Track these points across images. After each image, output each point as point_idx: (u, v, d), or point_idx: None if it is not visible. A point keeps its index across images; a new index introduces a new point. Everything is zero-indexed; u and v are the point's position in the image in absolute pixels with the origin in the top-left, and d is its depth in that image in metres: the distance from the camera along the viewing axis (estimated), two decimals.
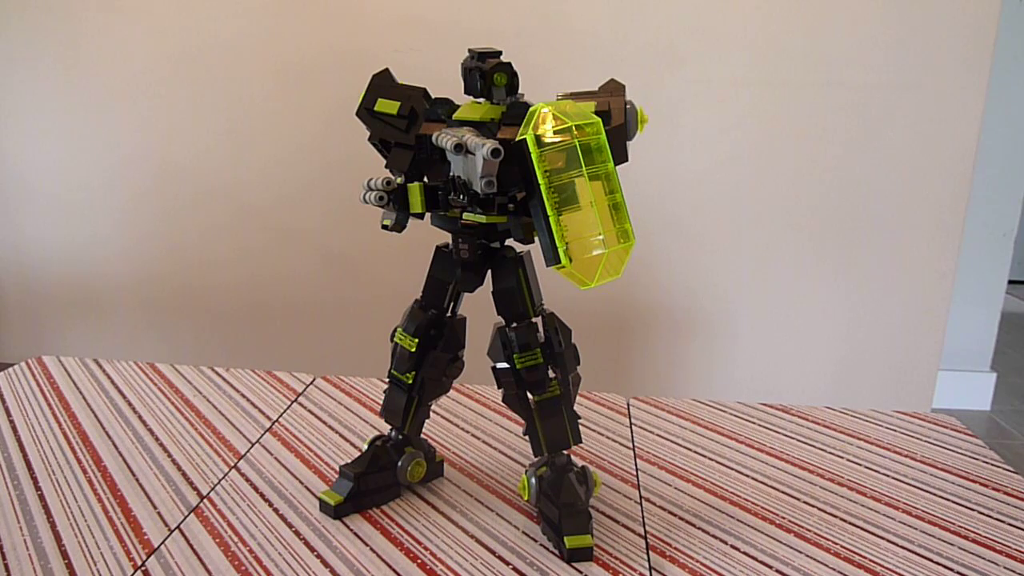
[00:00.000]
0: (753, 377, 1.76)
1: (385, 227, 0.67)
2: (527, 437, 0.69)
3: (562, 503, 0.66)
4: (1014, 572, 0.67)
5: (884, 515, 0.74)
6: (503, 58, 0.64)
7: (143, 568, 0.62)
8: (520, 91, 0.65)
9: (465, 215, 0.65)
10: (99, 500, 0.71)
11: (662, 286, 1.72)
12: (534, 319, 0.67)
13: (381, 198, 0.64)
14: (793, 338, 1.73)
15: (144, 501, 0.71)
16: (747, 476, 0.81)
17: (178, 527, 0.68)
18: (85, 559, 0.63)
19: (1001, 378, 2.32)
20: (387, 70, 0.69)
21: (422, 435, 0.82)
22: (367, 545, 0.66)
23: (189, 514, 0.70)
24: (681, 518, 0.72)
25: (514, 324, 0.67)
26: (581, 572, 0.64)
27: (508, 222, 0.65)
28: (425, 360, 0.71)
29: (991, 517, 0.75)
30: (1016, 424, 2.11)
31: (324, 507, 0.71)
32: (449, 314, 0.71)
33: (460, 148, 0.60)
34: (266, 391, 0.96)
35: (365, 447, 0.74)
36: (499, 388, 0.69)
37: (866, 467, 0.84)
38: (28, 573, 0.61)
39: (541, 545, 0.67)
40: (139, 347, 1.91)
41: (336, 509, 0.70)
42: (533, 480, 0.69)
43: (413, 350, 0.70)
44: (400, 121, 0.67)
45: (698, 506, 0.75)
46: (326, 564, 0.64)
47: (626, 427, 0.91)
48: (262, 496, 0.73)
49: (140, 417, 0.88)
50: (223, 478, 0.76)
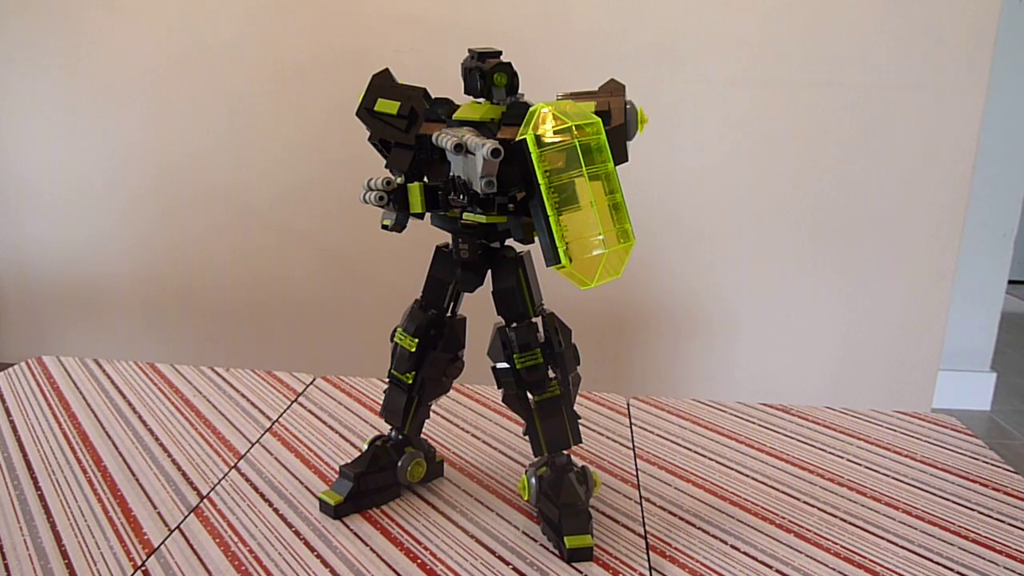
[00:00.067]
0: (753, 377, 1.76)
1: (385, 227, 0.67)
2: (527, 437, 0.69)
3: (562, 503, 0.66)
4: (1014, 572, 0.67)
5: (884, 515, 0.74)
6: (503, 58, 0.64)
7: (143, 568, 0.62)
8: (520, 91, 0.65)
9: (465, 215, 0.65)
10: (99, 500, 0.71)
11: (662, 286, 1.72)
12: (534, 319, 0.67)
13: (381, 198, 0.64)
14: (793, 338, 1.73)
15: (144, 501, 0.71)
16: (747, 476, 0.81)
17: (178, 527, 0.68)
18: (85, 559, 0.63)
19: (1001, 378, 2.32)
20: (387, 70, 0.69)
21: (422, 435, 0.82)
22: (367, 545, 0.66)
23: (189, 514, 0.70)
24: (681, 518, 0.72)
25: (514, 324, 0.67)
26: (581, 572, 0.64)
27: (508, 222, 0.65)
28: (425, 360, 0.71)
29: (991, 517, 0.75)
30: (1016, 424, 2.11)
31: (324, 507, 0.71)
32: (449, 314, 0.71)
33: (460, 148, 0.60)
34: (266, 391, 0.96)
35: (365, 447, 0.74)
36: (499, 388, 0.69)
37: (866, 467, 0.84)
38: (28, 573, 0.61)
39: (541, 545, 0.67)
40: (139, 347, 1.91)
41: (336, 509, 0.70)
42: (533, 480, 0.69)
43: (413, 350, 0.70)
44: (400, 121, 0.67)
45: (698, 506, 0.75)
46: (326, 564, 0.64)
47: (626, 427, 0.91)
48: (262, 496, 0.73)
49: (140, 417, 0.88)
50: (223, 478, 0.76)
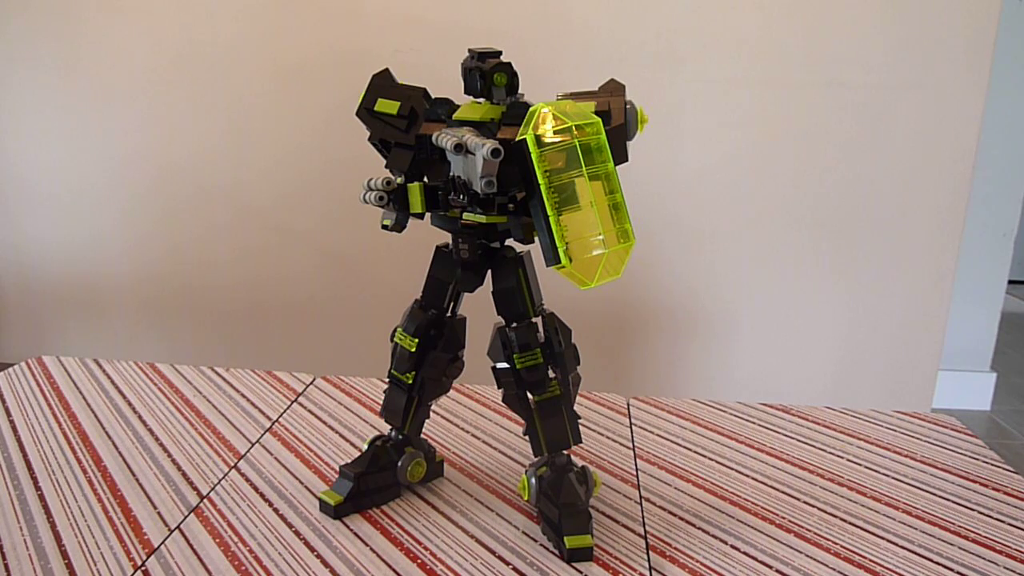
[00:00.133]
0: (753, 377, 1.76)
1: (385, 227, 0.67)
2: (527, 437, 0.69)
3: (562, 503, 0.66)
4: (1014, 572, 0.67)
5: (884, 515, 0.74)
6: (503, 58, 0.64)
7: (143, 568, 0.62)
8: (520, 91, 0.65)
9: (465, 215, 0.65)
10: (99, 500, 0.71)
11: (662, 286, 1.72)
12: (534, 319, 0.67)
13: (381, 198, 0.64)
14: (793, 338, 1.73)
15: (144, 501, 0.71)
16: (747, 476, 0.81)
17: (178, 527, 0.68)
18: (85, 559, 0.63)
19: (1001, 378, 2.32)
20: (387, 70, 0.69)
21: (422, 435, 0.82)
22: (367, 545, 0.66)
23: (189, 514, 0.70)
24: (681, 518, 0.72)
25: (514, 324, 0.67)
26: (581, 572, 0.64)
27: (508, 222, 0.65)
28: (425, 360, 0.71)
29: (991, 517, 0.75)
30: (1016, 424, 2.11)
31: (324, 507, 0.71)
32: (449, 314, 0.71)
33: (460, 148, 0.60)
34: (266, 391, 0.96)
35: (365, 447, 0.74)
36: (499, 388, 0.69)
37: (866, 467, 0.83)
38: (28, 573, 0.61)
39: (541, 545, 0.67)
40: (139, 347, 1.91)
41: (336, 509, 0.70)
42: (533, 480, 0.69)
43: (413, 350, 0.70)
44: (400, 121, 0.67)
45: (698, 506, 0.75)
46: (326, 564, 0.64)
47: (626, 427, 0.91)
48: (262, 496, 0.73)
49: (140, 417, 0.88)
50: (223, 478, 0.76)
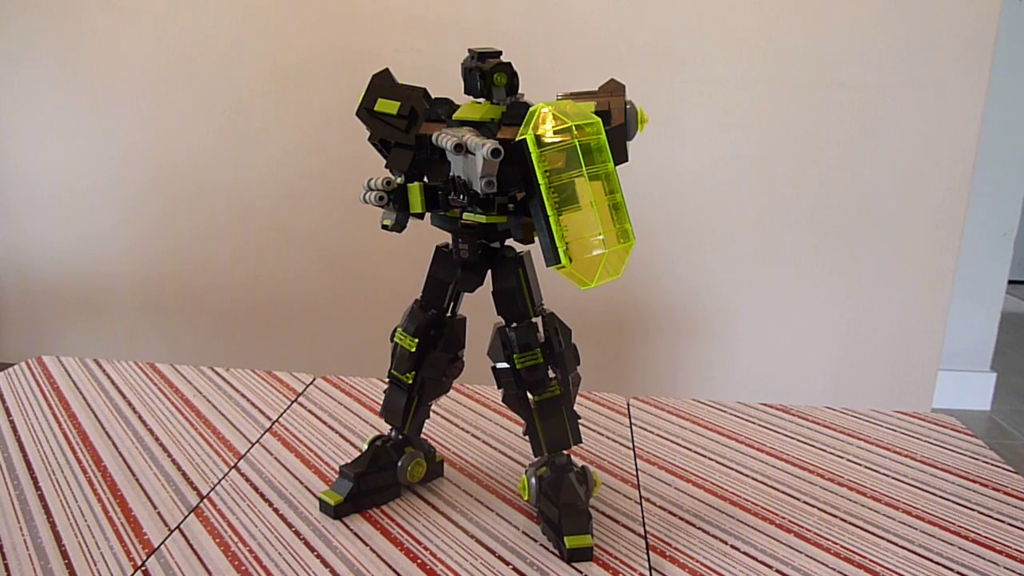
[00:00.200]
0: (753, 377, 1.76)
1: (385, 227, 0.67)
2: (527, 437, 0.69)
3: (562, 503, 0.66)
4: (1014, 572, 0.67)
5: (884, 515, 0.74)
6: (503, 58, 0.64)
7: (143, 568, 0.62)
8: (520, 91, 0.65)
9: (465, 215, 0.65)
10: (99, 500, 0.71)
11: (662, 286, 1.72)
12: (534, 319, 0.67)
13: (381, 198, 0.64)
14: (793, 338, 1.73)
15: (144, 501, 0.71)
16: (747, 476, 0.81)
17: (178, 527, 0.68)
18: (85, 559, 0.63)
19: (1001, 378, 2.32)
20: (387, 70, 0.69)
21: (422, 435, 0.82)
22: (367, 545, 0.66)
23: (189, 514, 0.70)
24: (681, 518, 0.72)
25: (514, 324, 0.67)
26: (581, 572, 0.64)
27: (508, 222, 0.65)
28: (425, 360, 0.71)
29: (991, 517, 0.75)
30: (1016, 424, 2.11)
31: (324, 507, 0.71)
32: (449, 314, 0.71)
33: (460, 148, 0.60)
34: (266, 391, 0.96)
35: (365, 447, 0.74)
36: (499, 388, 0.69)
37: (866, 467, 0.83)
38: (28, 573, 0.61)
39: (541, 545, 0.67)
40: (139, 347, 1.91)
41: (336, 509, 0.70)
42: (533, 480, 0.69)
43: (413, 350, 0.70)
44: (400, 121, 0.67)
45: (698, 506, 0.75)
46: (326, 564, 0.64)
47: (626, 427, 0.91)
48: (262, 496, 0.73)
49: (140, 417, 0.88)
50: (223, 478, 0.76)
